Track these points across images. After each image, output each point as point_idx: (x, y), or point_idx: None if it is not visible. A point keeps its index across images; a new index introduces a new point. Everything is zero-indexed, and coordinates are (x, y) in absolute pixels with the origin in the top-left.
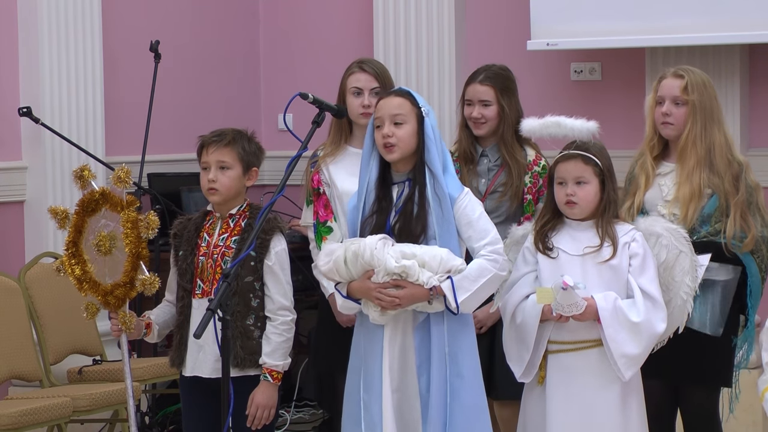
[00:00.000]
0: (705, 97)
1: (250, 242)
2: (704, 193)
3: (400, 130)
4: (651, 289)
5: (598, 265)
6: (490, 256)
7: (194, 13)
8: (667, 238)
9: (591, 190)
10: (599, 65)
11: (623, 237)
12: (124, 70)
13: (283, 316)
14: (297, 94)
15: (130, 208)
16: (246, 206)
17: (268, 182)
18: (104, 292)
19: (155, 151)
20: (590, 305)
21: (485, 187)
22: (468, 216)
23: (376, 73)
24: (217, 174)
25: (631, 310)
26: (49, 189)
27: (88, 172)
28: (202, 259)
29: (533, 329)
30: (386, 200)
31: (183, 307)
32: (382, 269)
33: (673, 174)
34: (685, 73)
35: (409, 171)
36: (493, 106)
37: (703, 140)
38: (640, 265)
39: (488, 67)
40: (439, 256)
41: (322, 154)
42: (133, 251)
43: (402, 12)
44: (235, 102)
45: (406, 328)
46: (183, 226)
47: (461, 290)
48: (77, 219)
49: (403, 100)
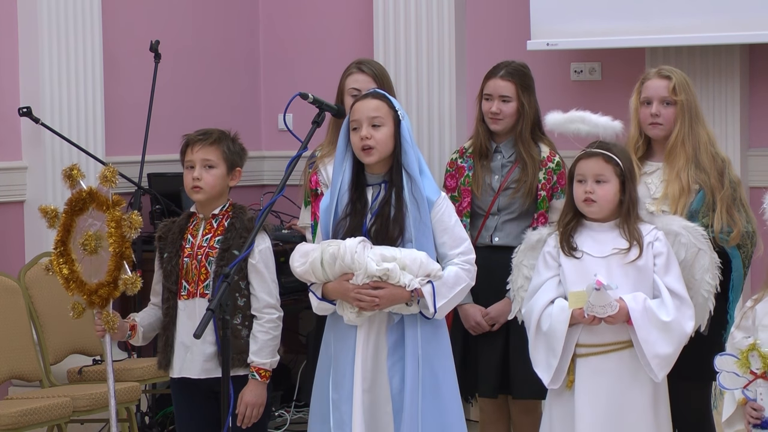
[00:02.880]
0: (690, 96)
1: (248, 244)
2: (692, 189)
3: (378, 132)
4: (678, 287)
5: (624, 266)
6: (465, 266)
7: (194, 13)
8: (686, 236)
9: (610, 189)
10: (599, 65)
11: (646, 236)
12: (124, 70)
13: (269, 314)
14: (297, 94)
15: (115, 207)
16: (229, 206)
17: (268, 182)
18: (89, 292)
19: (155, 151)
20: (621, 306)
21: (498, 184)
22: (444, 222)
23: (374, 74)
24: (202, 172)
25: (660, 309)
26: (49, 189)
27: (77, 171)
28: (187, 261)
29: (562, 335)
30: (360, 202)
31: (169, 308)
32: (362, 272)
33: (659, 172)
34: (671, 73)
35: (385, 173)
36: (512, 102)
37: (690, 139)
38: (665, 263)
39: (509, 63)
40: (419, 260)
41: (320, 154)
42: (116, 251)
43: (402, 12)
44: (235, 102)
45: (380, 329)
46: (167, 228)
47: (440, 296)
48: (66, 218)
49: (381, 102)
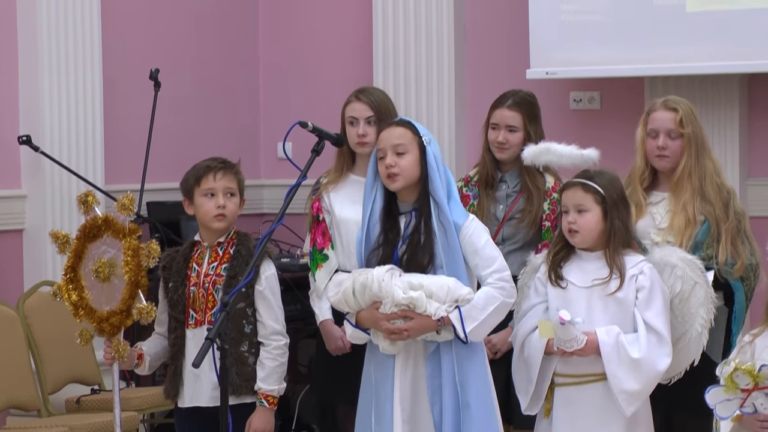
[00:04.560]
0: (697, 127)
1: (248, 271)
2: (697, 221)
3: (403, 159)
4: (657, 323)
5: (605, 298)
6: (497, 284)
7: (194, 42)
8: (682, 268)
9: (591, 218)
10: (598, 94)
11: (631, 269)
12: (124, 98)
13: (276, 341)
14: (296, 122)
15: (132, 235)
16: (234, 234)
17: (268, 211)
18: (99, 319)
19: (154, 180)
20: (591, 340)
21: (503, 213)
22: (474, 244)
23: (371, 102)
24: (225, 201)
25: (633, 345)
26: (48, 217)
27: (92, 197)
28: (194, 289)
29: (537, 362)
30: (393, 232)
31: (176, 338)
32: (390, 300)
33: (664, 202)
34: (677, 105)
35: (415, 201)
36: (519, 132)
37: (697, 171)
38: (647, 298)
39: (516, 92)
40: (446, 286)
41: (324, 181)
42: (132, 279)
43: (401, 40)
44: (234, 130)
45: (417, 358)
46: (171, 258)
47: (469, 319)
48: (78, 244)
49: (404, 129)
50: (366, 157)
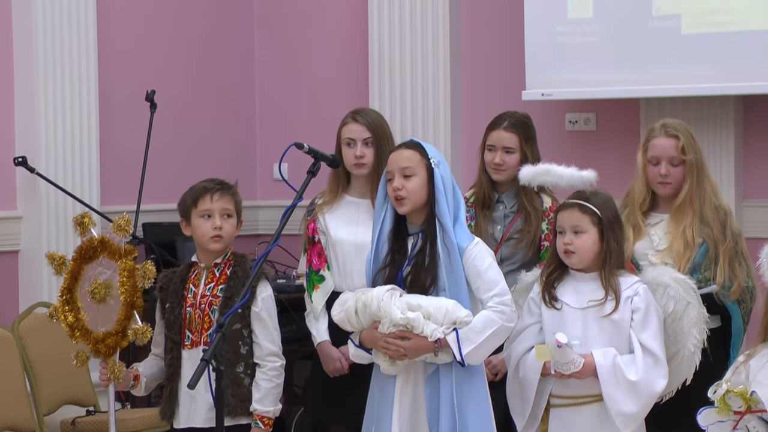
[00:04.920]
0: (698, 152)
1: (244, 293)
2: (696, 243)
3: (410, 182)
4: (652, 345)
5: (600, 320)
6: (497, 308)
7: (190, 63)
8: (675, 288)
9: (588, 239)
10: (594, 115)
11: (626, 290)
12: (120, 119)
13: (272, 362)
14: (292, 143)
15: (128, 256)
16: (230, 255)
17: (263, 232)
18: (95, 340)
19: (150, 201)
20: (588, 362)
21: (501, 234)
22: (476, 267)
23: (368, 123)
24: (222, 222)
25: (629, 367)
26: (43, 239)
27: (88, 219)
28: (190, 310)
29: (533, 384)
30: (400, 252)
31: (172, 359)
32: (388, 320)
33: (663, 224)
34: (678, 132)
35: (422, 223)
36: (515, 154)
37: (698, 196)
38: (642, 320)
39: (512, 113)
40: (444, 308)
41: (319, 202)
42: (127, 300)
43: (397, 61)
44: (230, 151)
45: (417, 379)
46: (168, 279)
47: (466, 342)
48: (74, 265)
49: (412, 152)
50: (361, 178)
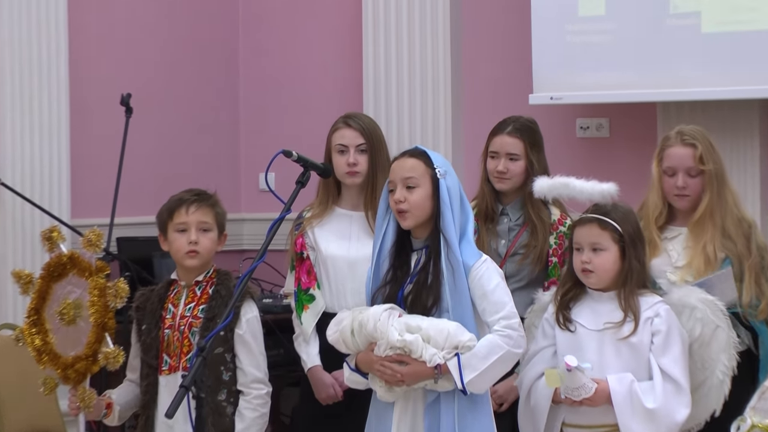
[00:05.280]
0: (717, 162)
1: (227, 314)
2: (718, 259)
3: (413, 194)
4: (674, 370)
5: (617, 342)
6: (504, 332)
7: (169, 64)
8: (703, 311)
9: (609, 257)
10: (607, 121)
11: (646, 311)
12: (93, 125)
13: (257, 390)
14: (280, 151)
15: (99, 274)
16: (213, 272)
17: (248, 247)
18: (64, 366)
19: (125, 214)
20: (602, 388)
21: (505, 249)
22: (483, 287)
23: (362, 128)
24: (199, 236)
25: (647, 394)
26: (9, 255)
27: (57, 233)
28: (168, 332)
29: (544, 412)
30: (402, 269)
31: (149, 385)
32: (384, 342)
33: (681, 237)
34: (695, 141)
35: (426, 237)
36: (520, 161)
37: (719, 209)
38: (663, 343)
39: (516, 118)
40: (446, 331)
41: (308, 215)
42: (98, 321)
43: (394, 62)
44: (212, 160)
45: (416, 408)
46: (145, 297)
47: (469, 369)
48: (42, 284)
49: (417, 161)
50: (354, 188)
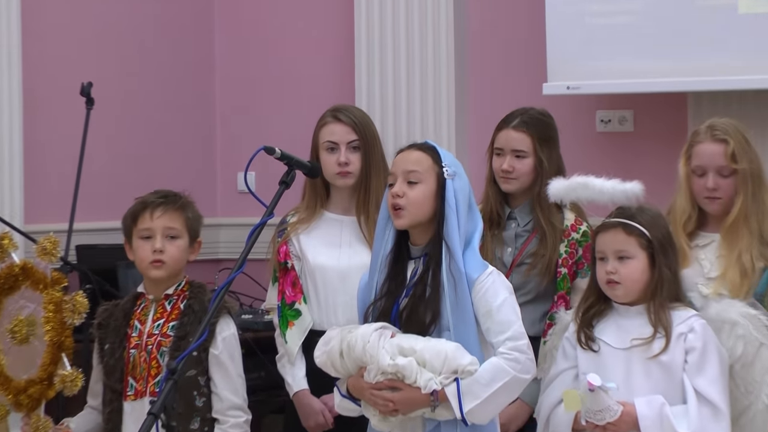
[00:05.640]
0: (752, 159)
1: (201, 331)
2: (756, 268)
3: (413, 190)
4: (711, 393)
5: (646, 362)
6: (510, 355)
7: (136, 51)
8: (745, 326)
9: (637, 266)
10: (631, 114)
11: (679, 326)
12: (49, 118)
13: (234, 417)
14: (261, 147)
15: (55, 287)
16: (185, 284)
17: (225, 256)
18: (16, 390)
19: (86, 219)
20: (628, 412)
21: (511, 258)
22: (488, 303)
23: (354, 123)
24: (165, 243)
25: (680, 420)
26: None
27: (8, 241)
28: (134, 353)
29: None
30: (397, 280)
31: (112, 412)
32: (375, 367)
33: (714, 245)
34: (727, 136)
35: (426, 244)
36: (528, 158)
37: (755, 212)
38: (698, 361)
39: (525, 110)
40: (443, 353)
41: (292, 220)
42: (54, 340)
43: (390, 47)
44: (184, 158)
45: None
46: (108, 313)
47: (469, 396)
48: None
49: (423, 155)
50: (345, 190)
